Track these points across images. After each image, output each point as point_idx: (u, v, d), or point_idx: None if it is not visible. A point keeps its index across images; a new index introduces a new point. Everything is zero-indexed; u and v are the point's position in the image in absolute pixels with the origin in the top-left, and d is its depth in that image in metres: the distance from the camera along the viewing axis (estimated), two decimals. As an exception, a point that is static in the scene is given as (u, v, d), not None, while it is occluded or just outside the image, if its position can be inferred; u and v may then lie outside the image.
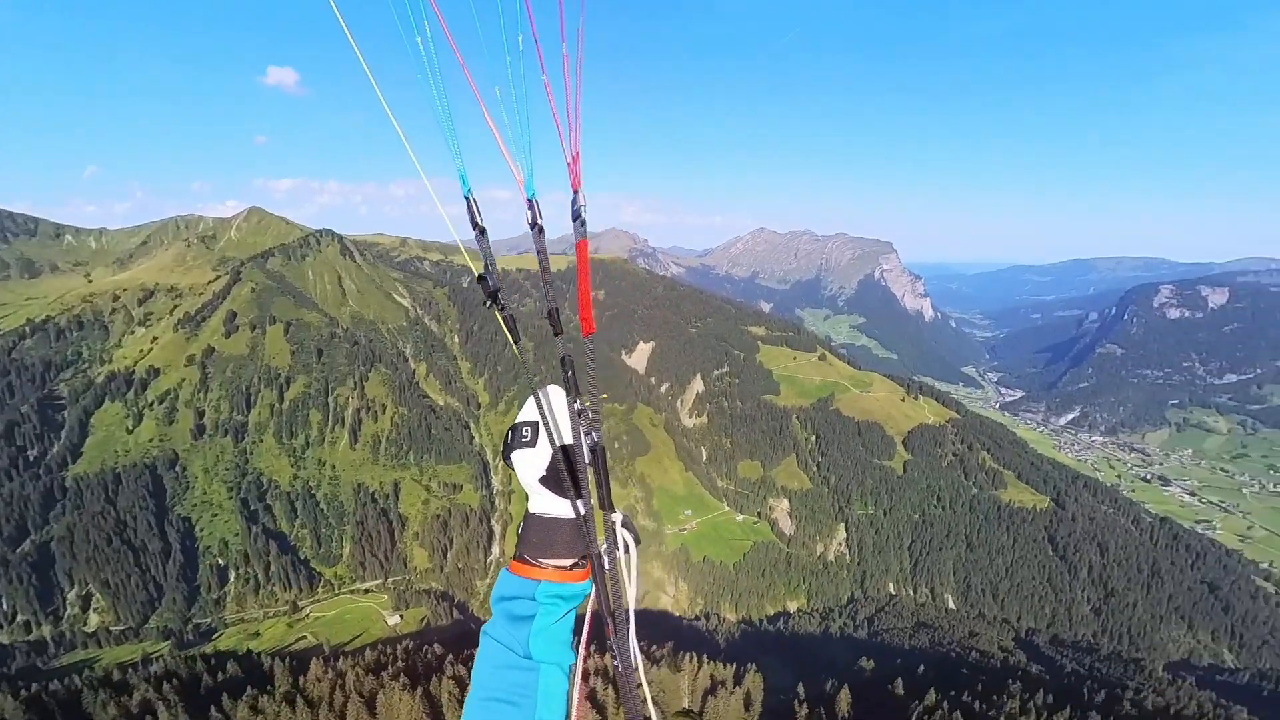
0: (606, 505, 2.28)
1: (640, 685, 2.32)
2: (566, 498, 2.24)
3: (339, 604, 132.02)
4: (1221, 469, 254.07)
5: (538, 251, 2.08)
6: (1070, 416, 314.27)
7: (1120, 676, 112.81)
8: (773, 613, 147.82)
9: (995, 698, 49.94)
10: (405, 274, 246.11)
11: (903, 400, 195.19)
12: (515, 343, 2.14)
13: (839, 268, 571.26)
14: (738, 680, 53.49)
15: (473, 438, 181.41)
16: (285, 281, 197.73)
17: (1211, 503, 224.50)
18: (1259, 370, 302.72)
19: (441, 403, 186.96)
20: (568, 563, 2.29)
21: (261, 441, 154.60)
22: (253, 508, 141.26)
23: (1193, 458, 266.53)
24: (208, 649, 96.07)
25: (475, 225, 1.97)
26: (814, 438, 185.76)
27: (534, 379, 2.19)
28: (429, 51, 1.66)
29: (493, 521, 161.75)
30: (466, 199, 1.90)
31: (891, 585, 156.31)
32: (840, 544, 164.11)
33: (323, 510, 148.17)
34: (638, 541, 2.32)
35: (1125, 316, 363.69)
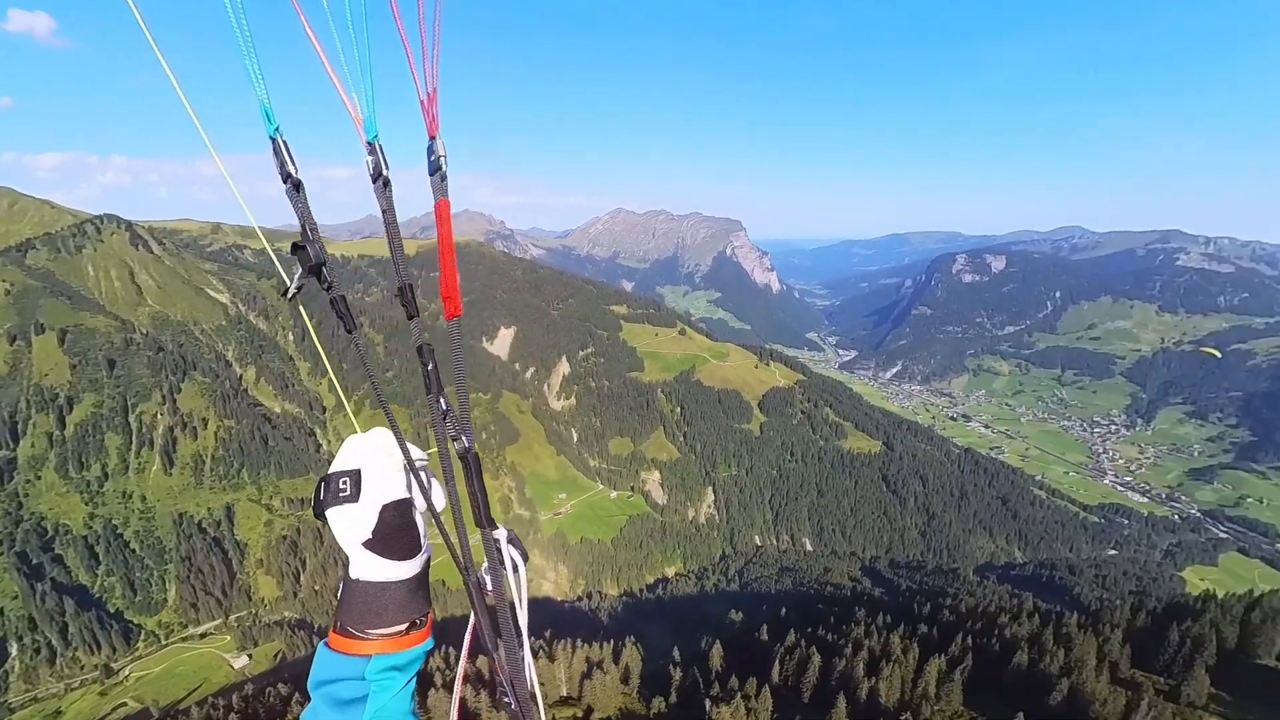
0: (485, 521, 1.91)
1: None
2: (398, 559, 1.89)
3: (168, 656, 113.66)
4: (1006, 404, 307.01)
5: (383, 211, 1.59)
6: (894, 370, 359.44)
7: (942, 586, 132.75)
8: (652, 581, 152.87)
9: (844, 626, 56.01)
10: (221, 265, 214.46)
11: (756, 367, 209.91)
12: (350, 330, 1.69)
13: (694, 245, 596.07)
14: (616, 656, 54.19)
15: (319, 445, 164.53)
16: (55, 279, 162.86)
17: (1000, 432, 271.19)
18: (1028, 322, 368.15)
19: (278, 410, 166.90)
20: (401, 627, 1.93)
21: (39, 479, 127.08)
22: (35, 561, 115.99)
23: (985, 397, 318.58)
24: (-21, 741, 77.84)
25: (286, 177, 1.49)
26: (679, 409, 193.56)
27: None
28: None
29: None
30: (273, 140, 1.45)
31: (757, 537, 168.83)
32: (710, 506, 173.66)
33: (135, 551, 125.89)
34: (525, 559, 2.00)
35: (932, 282, 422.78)
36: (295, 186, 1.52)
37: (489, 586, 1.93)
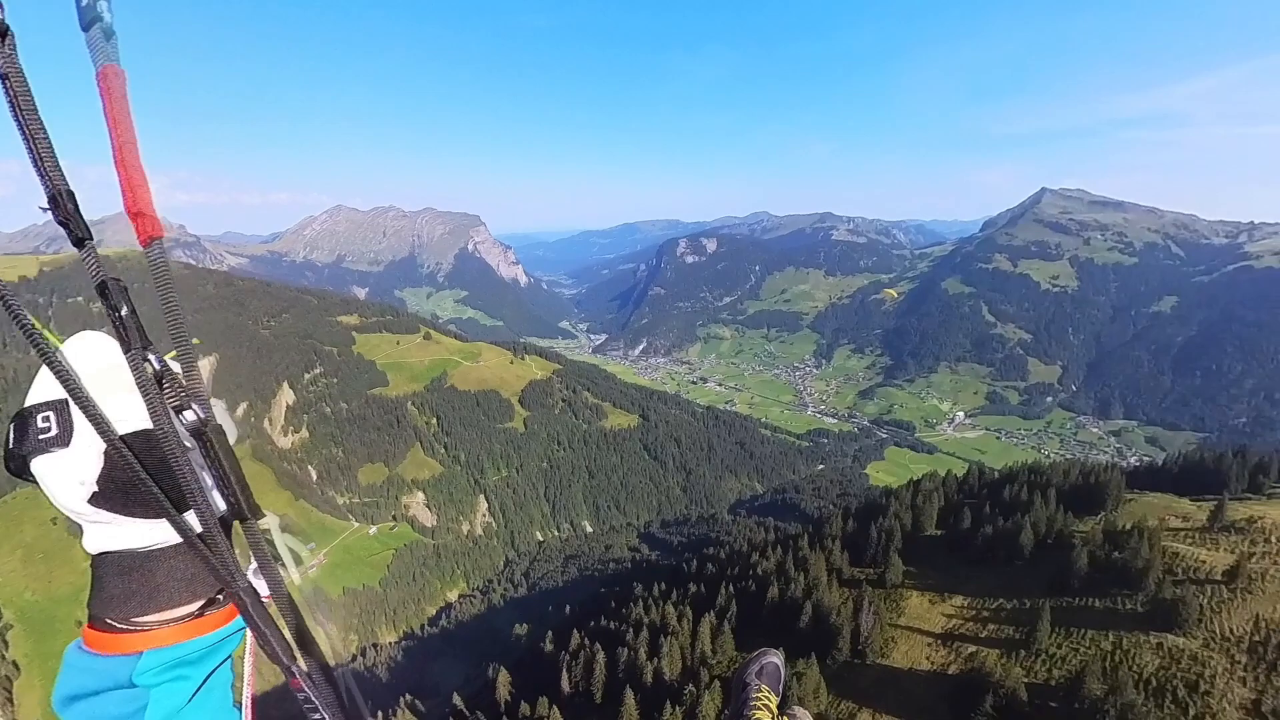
0: (246, 510, 1.34)
1: None
2: (145, 515, 1.21)
3: None
4: (732, 363, 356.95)
5: (2, 80, 0.91)
6: (641, 347, 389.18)
7: (705, 532, 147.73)
8: (435, 611, 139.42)
9: (624, 609, 56.23)
10: None
11: (512, 363, 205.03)
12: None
13: (432, 243, 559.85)
14: (382, 728, 45.47)
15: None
16: None
17: (730, 387, 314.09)
18: (739, 293, 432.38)
19: None
20: (191, 609, 1.34)
21: None
22: None
23: (715, 360, 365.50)
24: None
25: None
26: (435, 420, 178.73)
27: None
28: None
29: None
30: None
31: (538, 533, 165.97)
32: (485, 515, 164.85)
33: None
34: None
35: (662, 265, 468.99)
36: None
37: (264, 592, 1.37)
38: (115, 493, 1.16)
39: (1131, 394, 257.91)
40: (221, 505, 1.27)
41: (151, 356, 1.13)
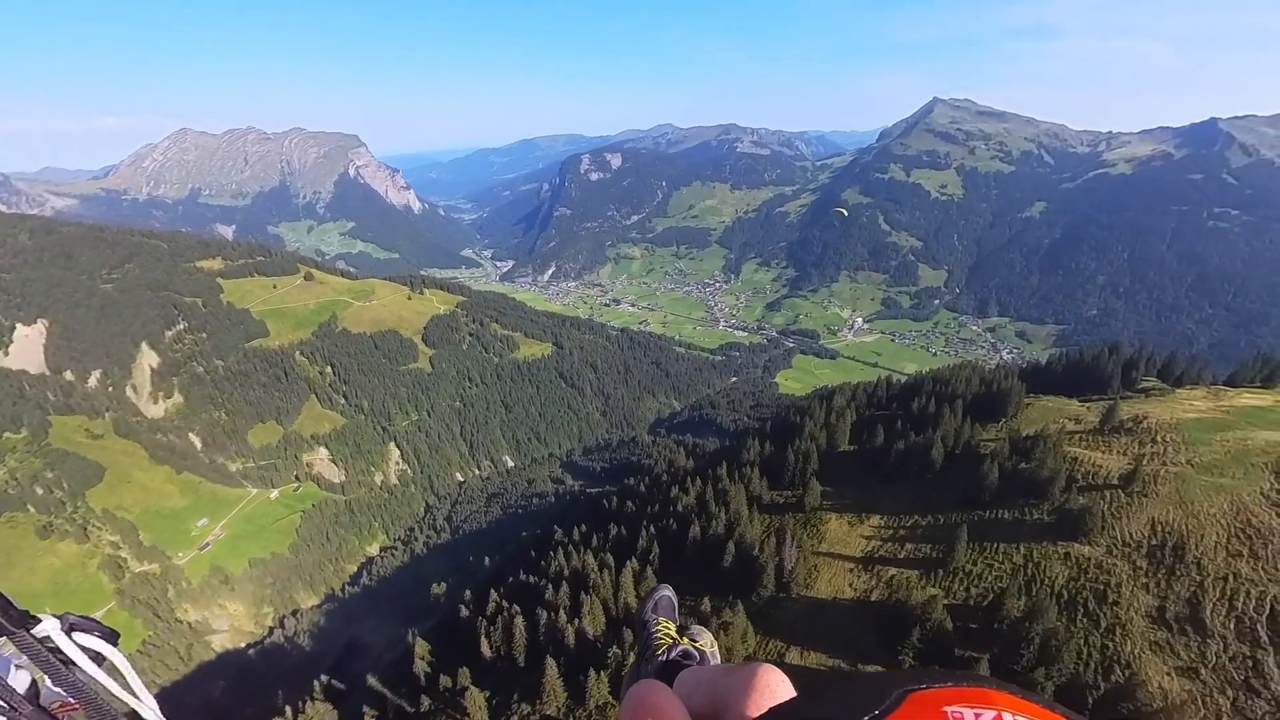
0: (10, 621, 1.26)
1: None
2: None
3: None
4: (643, 283, 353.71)
5: None
6: (550, 272, 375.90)
7: (627, 456, 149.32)
8: (356, 569, 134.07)
9: (543, 561, 54.00)
10: None
11: (410, 299, 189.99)
12: None
13: (305, 169, 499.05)
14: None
15: None
16: None
17: (643, 307, 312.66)
18: (647, 210, 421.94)
19: None
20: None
21: None
22: None
23: (627, 280, 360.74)
24: None
25: None
26: (329, 368, 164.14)
27: None
28: None
29: None
30: None
31: (458, 474, 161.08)
32: (398, 462, 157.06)
33: None
34: (114, 637, 1.38)
35: (566, 183, 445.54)
36: None
37: (70, 700, 1.24)
38: None
39: (1005, 293, 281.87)
40: None
41: None
